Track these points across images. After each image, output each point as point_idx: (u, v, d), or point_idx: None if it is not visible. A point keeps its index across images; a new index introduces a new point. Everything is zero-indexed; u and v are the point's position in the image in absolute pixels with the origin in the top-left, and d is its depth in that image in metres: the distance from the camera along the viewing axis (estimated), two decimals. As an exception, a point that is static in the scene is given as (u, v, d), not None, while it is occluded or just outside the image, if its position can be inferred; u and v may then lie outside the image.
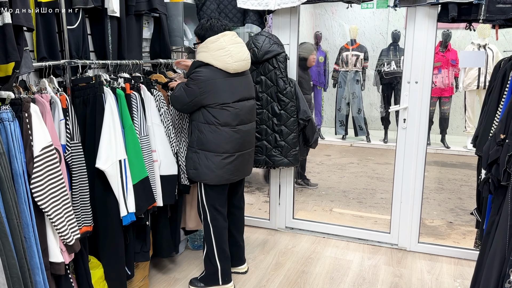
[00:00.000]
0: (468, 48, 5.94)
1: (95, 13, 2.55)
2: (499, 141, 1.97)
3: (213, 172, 2.57)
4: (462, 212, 4.14)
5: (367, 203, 4.43)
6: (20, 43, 1.82)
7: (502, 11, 2.67)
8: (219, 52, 2.50)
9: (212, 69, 2.51)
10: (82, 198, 2.17)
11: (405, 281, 2.89)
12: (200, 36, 2.60)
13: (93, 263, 2.37)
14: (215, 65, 2.51)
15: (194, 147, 2.61)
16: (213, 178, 2.58)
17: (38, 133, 1.84)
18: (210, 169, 2.57)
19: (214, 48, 2.51)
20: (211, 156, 2.57)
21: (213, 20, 2.58)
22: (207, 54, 2.52)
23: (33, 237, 1.81)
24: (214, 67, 2.51)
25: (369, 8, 7.30)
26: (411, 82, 3.12)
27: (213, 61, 2.51)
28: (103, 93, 2.28)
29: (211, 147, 2.56)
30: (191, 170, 2.63)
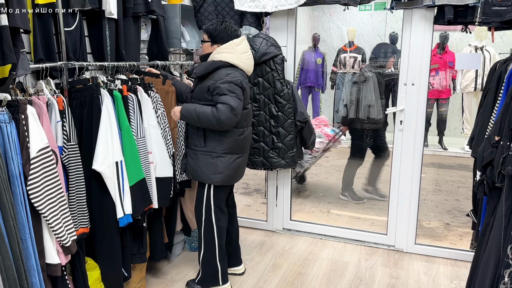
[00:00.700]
0: (465, 50, 5.95)
1: (92, 15, 2.56)
2: (494, 143, 1.98)
3: (234, 172, 2.67)
4: (459, 213, 4.15)
5: (364, 204, 4.43)
6: (17, 45, 1.83)
7: (497, 14, 2.69)
8: (244, 55, 2.59)
9: (238, 70, 2.57)
10: (78, 200, 2.18)
11: (401, 282, 2.90)
12: (212, 35, 2.61)
13: (89, 265, 2.37)
14: (240, 67, 2.57)
15: (217, 152, 2.59)
16: (232, 179, 2.69)
17: (34, 134, 1.85)
18: (236, 172, 2.67)
19: (239, 50, 2.57)
20: (234, 158, 2.65)
21: (228, 23, 2.61)
22: (233, 55, 2.55)
23: (29, 239, 1.81)
24: (238, 68, 2.57)
25: (367, 10, 7.33)
26: (408, 84, 3.13)
27: (240, 63, 2.57)
28: (100, 94, 2.29)
29: (238, 150, 2.66)
30: (216, 175, 2.59)
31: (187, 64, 3.44)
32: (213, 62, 2.55)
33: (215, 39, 2.60)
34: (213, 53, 2.58)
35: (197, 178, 2.65)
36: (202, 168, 2.61)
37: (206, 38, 2.64)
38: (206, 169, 2.60)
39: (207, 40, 2.64)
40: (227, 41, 2.59)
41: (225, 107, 2.46)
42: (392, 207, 3.33)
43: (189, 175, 2.70)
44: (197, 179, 2.66)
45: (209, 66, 2.55)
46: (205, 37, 2.65)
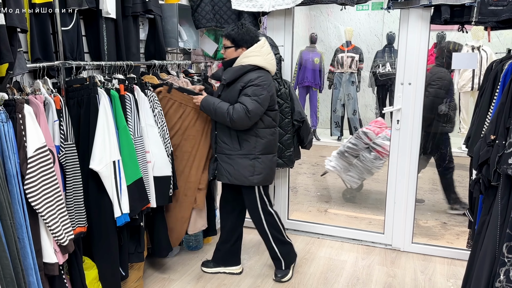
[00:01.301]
0: (462, 50, 5.97)
1: (89, 14, 2.56)
2: (490, 142, 1.99)
3: (271, 171, 2.77)
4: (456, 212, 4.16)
5: (361, 204, 4.44)
6: (14, 44, 1.83)
7: (494, 13, 2.70)
8: (269, 56, 2.64)
9: (265, 72, 2.62)
10: (76, 199, 2.18)
11: (398, 281, 2.91)
12: (235, 40, 2.61)
13: (87, 264, 2.37)
14: (266, 68, 2.62)
15: (254, 154, 2.66)
16: (270, 177, 2.79)
17: (31, 134, 1.85)
18: (272, 170, 2.77)
19: (265, 52, 2.62)
20: (271, 158, 2.74)
21: (247, 25, 2.64)
22: (260, 58, 2.60)
23: (26, 238, 1.82)
24: (265, 70, 2.62)
25: (364, 10, 7.34)
26: (405, 84, 3.14)
27: (267, 65, 2.62)
28: (97, 94, 2.29)
29: (272, 149, 2.75)
30: (254, 176, 2.67)
31: (184, 64, 3.44)
32: (242, 67, 2.59)
33: (239, 43, 2.62)
34: (240, 58, 2.60)
35: (237, 182, 2.70)
36: (241, 171, 2.66)
37: (229, 44, 2.64)
38: (245, 172, 2.66)
39: (230, 46, 2.64)
40: (251, 43, 2.62)
41: (241, 107, 2.53)
42: (389, 206, 3.34)
43: (225, 180, 2.74)
44: (236, 182, 2.71)
45: (239, 71, 2.59)
46: (227, 43, 2.64)
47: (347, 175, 4.25)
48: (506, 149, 1.87)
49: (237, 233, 2.97)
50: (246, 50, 2.62)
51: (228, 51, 2.67)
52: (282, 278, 2.88)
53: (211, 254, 3.26)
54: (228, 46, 2.65)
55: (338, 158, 4.26)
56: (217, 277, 2.95)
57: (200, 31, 3.55)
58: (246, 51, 2.61)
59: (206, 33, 3.65)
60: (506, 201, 1.92)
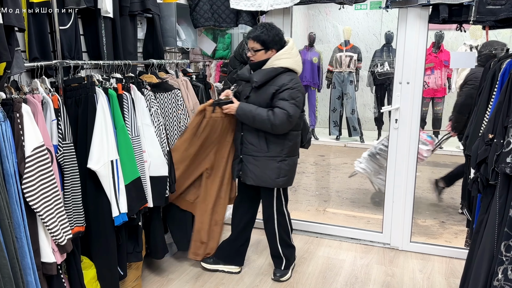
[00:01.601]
0: (460, 49, 5.98)
1: (87, 13, 2.55)
2: (488, 141, 1.99)
3: (294, 173, 2.79)
4: (455, 211, 4.16)
5: (360, 203, 4.45)
6: (12, 43, 1.82)
7: (492, 12, 2.70)
8: (298, 58, 2.66)
9: (295, 74, 2.63)
10: (74, 198, 2.17)
11: (397, 280, 2.91)
12: (266, 42, 2.57)
13: (85, 263, 2.37)
14: (296, 70, 2.63)
15: (281, 156, 2.66)
16: (292, 179, 2.80)
17: (29, 133, 1.84)
18: (294, 172, 2.79)
19: (295, 54, 2.63)
20: (295, 160, 2.76)
21: (274, 26, 2.62)
22: (291, 60, 2.60)
23: (24, 237, 1.81)
24: (294, 72, 2.62)
25: (362, 9, 7.34)
26: (403, 83, 3.14)
27: (297, 67, 2.63)
28: (95, 93, 2.28)
29: (296, 151, 2.77)
30: (280, 178, 2.68)
31: (182, 63, 3.43)
32: (274, 69, 2.58)
33: (269, 46, 2.59)
34: (272, 60, 2.59)
35: (263, 183, 2.71)
36: (268, 173, 2.66)
37: (258, 46, 2.59)
38: (272, 174, 2.66)
39: (260, 49, 2.59)
40: (280, 45, 2.61)
41: (282, 113, 2.51)
42: (388, 205, 3.35)
43: (250, 181, 2.73)
44: (262, 184, 2.71)
45: (270, 73, 2.57)
46: (256, 46, 2.59)
47: (377, 178, 4.13)
48: (504, 148, 1.88)
49: (248, 234, 2.98)
50: (277, 52, 2.60)
51: (258, 54, 2.61)
52: (281, 278, 2.88)
53: (209, 254, 3.27)
54: (258, 49, 2.59)
55: (369, 160, 4.13)
56: (216, 276, 2.95)
57: (198, 30, 3.55)
58: (277, 53, 2.59)
59: (205, 32, 3.65)
60: (504, 200, 1.92)
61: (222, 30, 3.73)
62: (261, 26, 2.61)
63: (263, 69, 2.61)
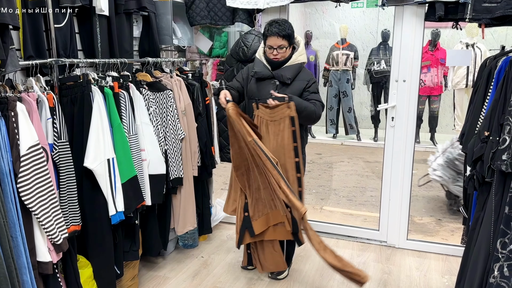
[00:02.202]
0: (456, 47, 5.99)
1: (83, 11, 2.54)
2: (484, 138, 2.00)
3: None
4: (451, 209, 4.17)
5: (357, 201, 4.46)
6: (6, 41, 1.81)
7: (488, 10, 2.71)
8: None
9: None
10: (70, 197, 2.16)
11: (393, 278, 2.92)
12: (291, 38, 2.57)
13: (81, 262, 2.36)
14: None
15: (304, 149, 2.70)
16: None
17: (24, 132, 1.83)
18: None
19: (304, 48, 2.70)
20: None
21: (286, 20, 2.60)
22: (304, 55, 2.66)
23: (20, 237, 1.80)
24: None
25: (359, 7, 7.35)
26: (399, 81, 3.15)
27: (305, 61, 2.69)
28: (91, 91, 2.27)
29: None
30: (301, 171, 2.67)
31: (179, 61, 3.42)
32: (300, 65, 2.62)
33: (292, 41, 2.60)
34: (296, 56, 2.61)
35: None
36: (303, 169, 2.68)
37: (286, 44, 2.54)
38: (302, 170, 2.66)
39: (287, 46, 2.56)
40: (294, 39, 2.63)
41: (320, 104, 2.59)
42: (384, 203, 3.35)
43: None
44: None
45: (298, 68, 2.61)
46: (285, 43, 2.53)
47: (455, 185, 3.88)
48: (500, 145, 1.88)
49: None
50: (298, 48, 2.63)
51: (285, 51, 2.57)
52: (278, 276, 2.88)
53: (207, 252, 3.27)
54: (286, 46, 2.54)
55: (446, 168, 3.90)
56: (213, 275, 2.94)
57: (194, 28, 3.54)
58: (299, 49, 2.63)
59: (201, 30, 3.64)
60: (500, 197, 1.93)
61: (219, 28, 3.72)
62: (277, 22, 2.53)
63: (291, 66, 2.60)
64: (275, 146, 2.54)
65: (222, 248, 3.35)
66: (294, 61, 2.60)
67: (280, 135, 2.53)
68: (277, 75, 2.59)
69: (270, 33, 2.52)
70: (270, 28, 2.53)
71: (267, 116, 2.53)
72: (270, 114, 2.52)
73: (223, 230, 3.70)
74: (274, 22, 2.55)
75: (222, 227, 3.75)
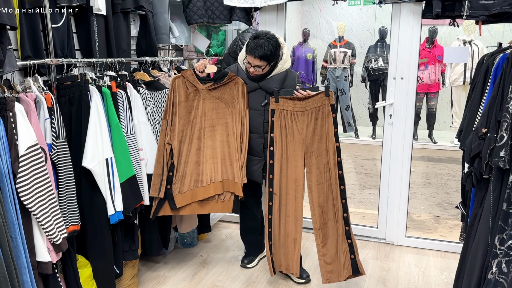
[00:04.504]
0: (454, 44, 6.00)
1: (80, 11, 2.54)
2: (481, 135, 2.00)
3: None
4: (449, 206, 4.19)
5: (355, 198, 4.46)
6: (4, 41, 1.81)
7: (485, 7, 2.71)
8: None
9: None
10: (69, 197, 2.16)
11: (392, 274, 2.93)
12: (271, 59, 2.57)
13: (81, 262, 2.36)
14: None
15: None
16: None
17: (23, 132, 1.84)
18: None
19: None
20: None
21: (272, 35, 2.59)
22: (289, 62, 2.70)
23: (19, 237, 1.80)
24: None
25: (356, 5, 7.34)
26: (397, 78, 3.15)
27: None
28: (89, 91, 2.27)
29: None
30: None
31: (176, 60, 3.42)
32: (286, 72, 2.67)
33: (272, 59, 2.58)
34: (281, 65, 2.64)
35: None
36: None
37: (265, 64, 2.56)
38: None
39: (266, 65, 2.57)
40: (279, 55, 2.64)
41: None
42: (383, 201, 3.36)
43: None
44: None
45: (284, 77, 2.66)
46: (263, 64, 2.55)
47: None
48: (498, 142, 1.89)
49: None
50: (283, 56, 2.64)
51: (265, 69, 2.59)
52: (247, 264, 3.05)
53: (206, 251, 3.27)
54: (265, 66, 2.56)
55: None
56: (212, 274, 2.95)
57: (192, 27, 3.53)
58: (284, 57, 2.64)
59: (198, 29, 3.63)
60: (498, 193, 1.93)
61: (216, 26, 3.72)
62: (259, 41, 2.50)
63: (276, 75, 2.64)
64: (311, 135, 2.58)
65: (221, 247, 3.36)
66: (279, 70, 2.64)
67: (319, 124, 2.58)
68: (265, 88, 2.65)
69: (250, 52, 2.52)
70: (251, 46, 2.51)
71: (296, 108, 2.58)
72: (301, 105, 2.57)
73: (222, 229, 3.70)
74: (257, 38, 2.52)
75: (221, 226, 3.76)
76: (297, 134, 2.60)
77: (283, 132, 2.59)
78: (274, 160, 2.61)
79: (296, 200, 2.63)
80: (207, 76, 2.66)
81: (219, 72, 2.64)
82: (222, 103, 2.67)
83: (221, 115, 2.67)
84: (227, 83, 2.63)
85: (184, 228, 3.06)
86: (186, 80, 2.64)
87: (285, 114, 2.59)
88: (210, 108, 2.66)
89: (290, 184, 2.62)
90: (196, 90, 2.66)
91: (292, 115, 2.59)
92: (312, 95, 2.55)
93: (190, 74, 2.64)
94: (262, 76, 2.63)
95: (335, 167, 2.58)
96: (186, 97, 2.65)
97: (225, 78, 2.62)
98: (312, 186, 2.62)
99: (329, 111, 2.56)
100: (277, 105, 2.59)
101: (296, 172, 2.61)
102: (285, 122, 2.59)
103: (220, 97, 2.67)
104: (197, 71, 2.63)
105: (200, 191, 2.66)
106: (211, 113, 2.67)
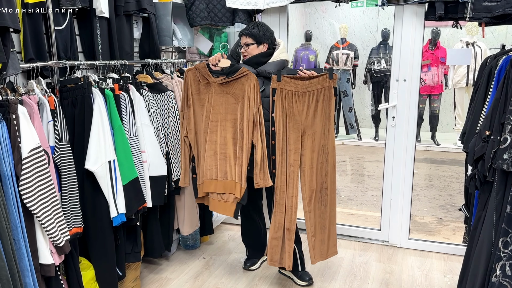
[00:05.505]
0: (456, 46, 5.99)
1: (83, 13, 2.54)
2: (485, 138, 2.00)
3: None
4: (452, 208, 4.18)
5: (358, 200, 4.45)
6: (7, 44, 1.81)
7: (488, 9, 2.71)
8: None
9: None
10: (71, 199, 2.17)
11: (395, 277, 2.92)
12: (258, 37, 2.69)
13: (84, 264, 2.36)
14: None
15: None
16: None
17: (26, 134, 1.84)
18: None
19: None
20: None
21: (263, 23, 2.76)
22: (286, 54, 2.77)
23: (22, 239, 1.81)
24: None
25: (358, 7, 7.34)
26: (400, 80, 3.14)
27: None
28: (92, 94, 2.28)
29: None
30: None
31: (179, 62, 3.43)
32: (282, 61, 2.71)
33: (261, 40, 2.70)
34: (278, 53, 2.70)
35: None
36: None
37: (251, 41, 2.70)
38: None
39: (252, 43, 2.70)
40: (271, 40, 2.74)
41: None
42: (386, 203, 3.35)
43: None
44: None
45: (281, 64, 2.70)
46: (249, 40, 2.70)
47: None
48: (501, 144, 1.88)
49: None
50: (268, 47, 2.72)
51: (251, 47, 2.71)
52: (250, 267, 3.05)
53: (208, 253, 3.27)
54: (250, 43, 2.69)
55: None
56: (214, 276, 2.95)
57: (194, 29, 3.54)
58: (280, 48, 2.71)
59: (201, 31, 3.64)
60: (502, 196, 1.93)
61: (219, 29, 3.72)
62: (251, 23, 2.75)
63: (273, 62, 2.67)
64: (311, 117, 2.58)
65: (224, 249, 3.36)
66: (276, 58, 2.69)
67: (320, 105, 2.58)
68: (261, 71, 2.69)
69: (240, 32, 2.75)
70: (243, 29, 2.75)
71: (299, 88, 2.55)
72: (304, 86, 2.55)
73: (225, 231, 3.70)
74: (249, 24, 2.78)
75: (223, 228, 3.75)
76: (297, 115, 2.58)
77: (284, 112, 2.57)
78: (275, 140, 2.58)
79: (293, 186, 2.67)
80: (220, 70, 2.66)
81: (232, 66, 2.64)
82: (232, 98, 2.63)
83: (229, 111, 2.63)
84: (238, 77, 2.60)
85: (186, 230, 3.06)
86: (198, 72, 2.65)
87: (287, 94, 2.56)
88: (219, 103, 2.64)
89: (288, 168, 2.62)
90: (207, 83, 2.66)
91: (294, 96, 2.56)
92: (316, 76, 2.55)
93: (202, 67, 2.65)
94: (259, 61, 2.68)
95: (333, 149, 2.69)
96: (198, 90, 2.68)
97: (237, 72, 2.59)
98: (306, 169, 2.64)
99: (331, 93, 2.57)
100: (279, 84, 2.54)
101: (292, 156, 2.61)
102: (286, 102, 2.57)
103: (231, 92, 2.63)
104: (211, 64, 2.64)
105: (205, 184, 2.68)
106: (219, 108, 2.63)
